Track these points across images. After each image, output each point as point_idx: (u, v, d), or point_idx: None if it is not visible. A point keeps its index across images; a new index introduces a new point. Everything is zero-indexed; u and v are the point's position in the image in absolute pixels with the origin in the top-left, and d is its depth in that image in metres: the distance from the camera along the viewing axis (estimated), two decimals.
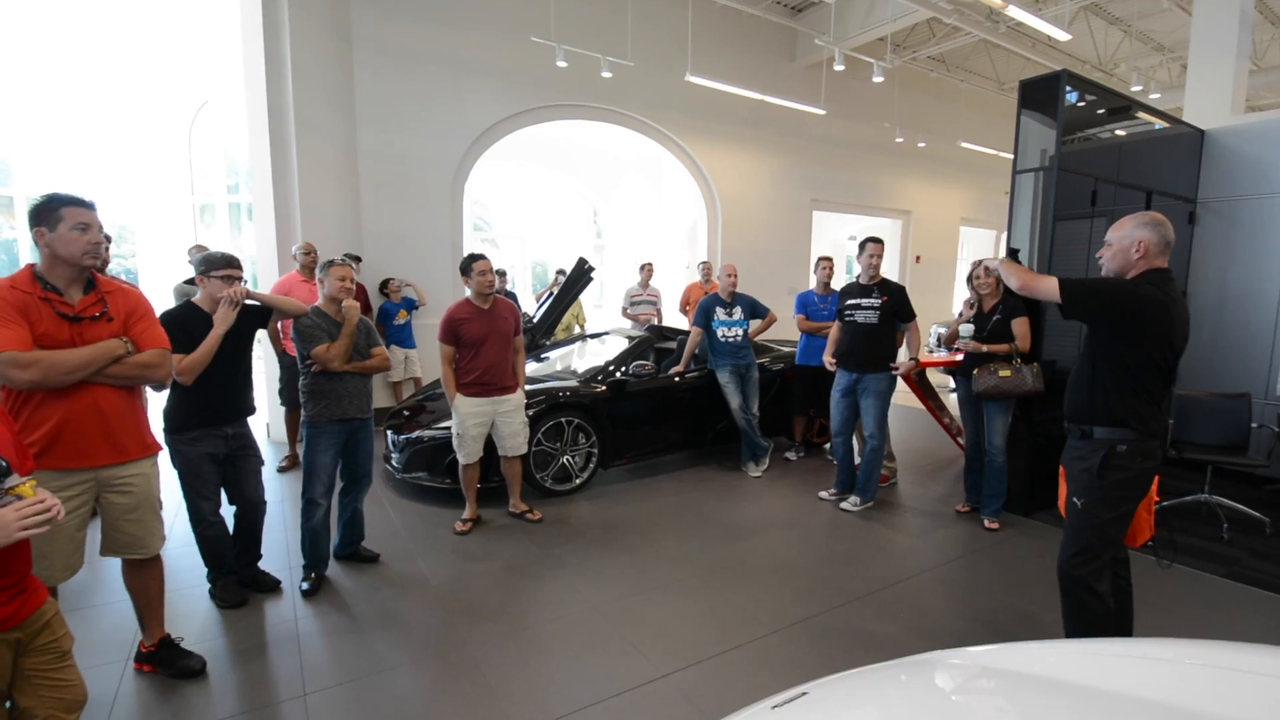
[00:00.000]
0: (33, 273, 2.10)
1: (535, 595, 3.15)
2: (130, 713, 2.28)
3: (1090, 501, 2.28)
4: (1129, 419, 2.21)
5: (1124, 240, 2.24)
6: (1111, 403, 2.24)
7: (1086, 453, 2.29)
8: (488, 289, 3.71)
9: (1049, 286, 2.23)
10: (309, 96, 5.43)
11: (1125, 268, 2.25)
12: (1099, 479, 2.25)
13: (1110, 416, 2.24)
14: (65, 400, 2.09)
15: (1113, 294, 2.20)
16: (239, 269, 2.82)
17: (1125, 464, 2.22)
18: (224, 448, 2.83)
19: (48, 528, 1.40)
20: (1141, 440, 2.22)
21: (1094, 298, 2.22)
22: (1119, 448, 2.22)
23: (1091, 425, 2.29)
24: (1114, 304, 2.19)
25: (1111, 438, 2.24)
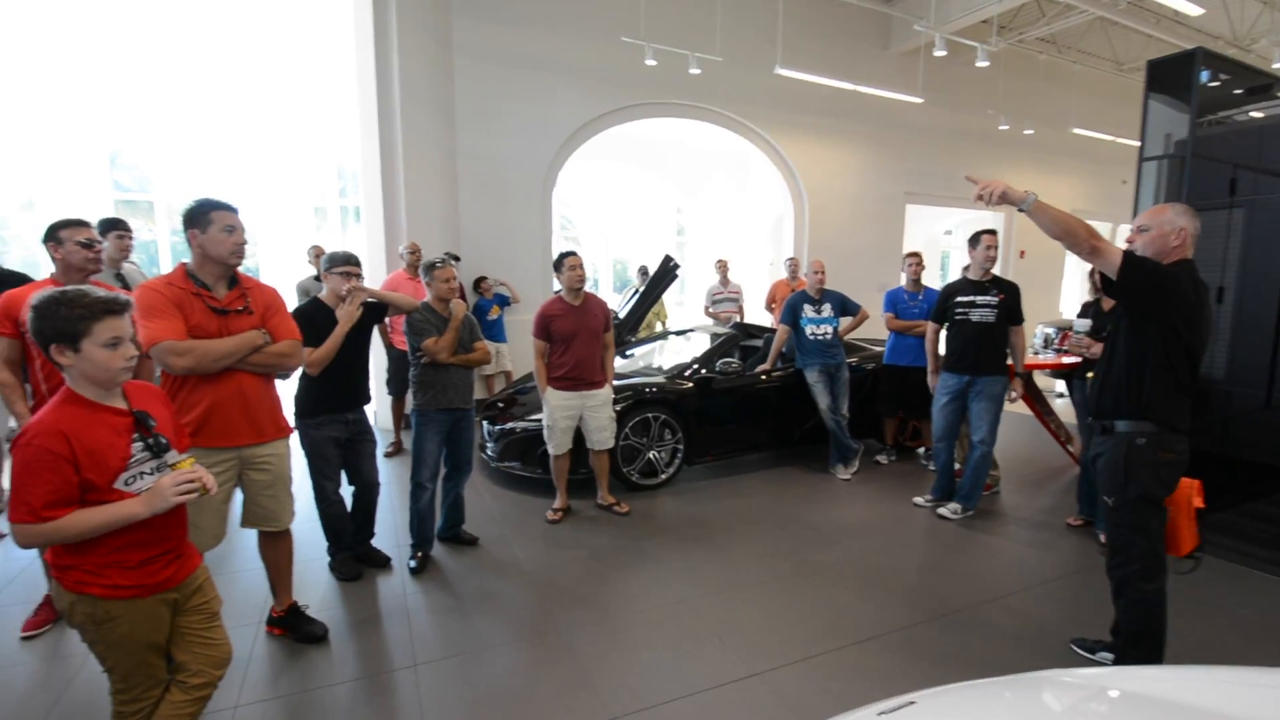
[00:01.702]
0: (186, 271, 2.35)
1: (624, 585, 3.21)
2: (263, 672, 2.51)
3: (1118, 500, 2.26)
4: (1151, 411, 2.18)
5: (1165, 226, 2.20)
6: (1135, 394, 2.21)
7: (1108, 448, 2.28)
8: (578, 283, 3.81)
9: (1114, 255, 2.12)
10: (414, 104, 5.75)
11: (1162, 254, 2.21)
12: (1124, 474, 2.22)
13: (1132, 409, 2.22)
14: (214, 385, 2.32)
15: (1167, 277, 2.14)
16: (357, 266, 3.03)
17: (1145, 458, 2.19)
18: (345, 432, 3.06)
19: (198, 496, 1.55)
20: (1161, 434, 2.19)
21: (1151, 276, 2.14)
22: (1138, 441, 2.20)
23: (1113, 419, 2.27)
24: (1163, 287, 2.13)
25: (1131, 431, 2.22)
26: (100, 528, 1.46)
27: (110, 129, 8.19)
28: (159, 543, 1.60)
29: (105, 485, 1.48)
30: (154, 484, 1.52)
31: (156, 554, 1.59)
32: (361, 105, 5.60)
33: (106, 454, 1.48)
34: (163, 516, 1.56)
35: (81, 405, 1.49)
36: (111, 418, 1.53)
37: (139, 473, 1.54)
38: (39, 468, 1.40)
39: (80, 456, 1.43)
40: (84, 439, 1.45)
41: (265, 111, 8.70)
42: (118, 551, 1.52)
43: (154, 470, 1.57)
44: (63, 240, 2.51)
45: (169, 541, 1.63)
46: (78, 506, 1.45)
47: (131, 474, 1.52)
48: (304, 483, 3.16)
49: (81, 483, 1.45)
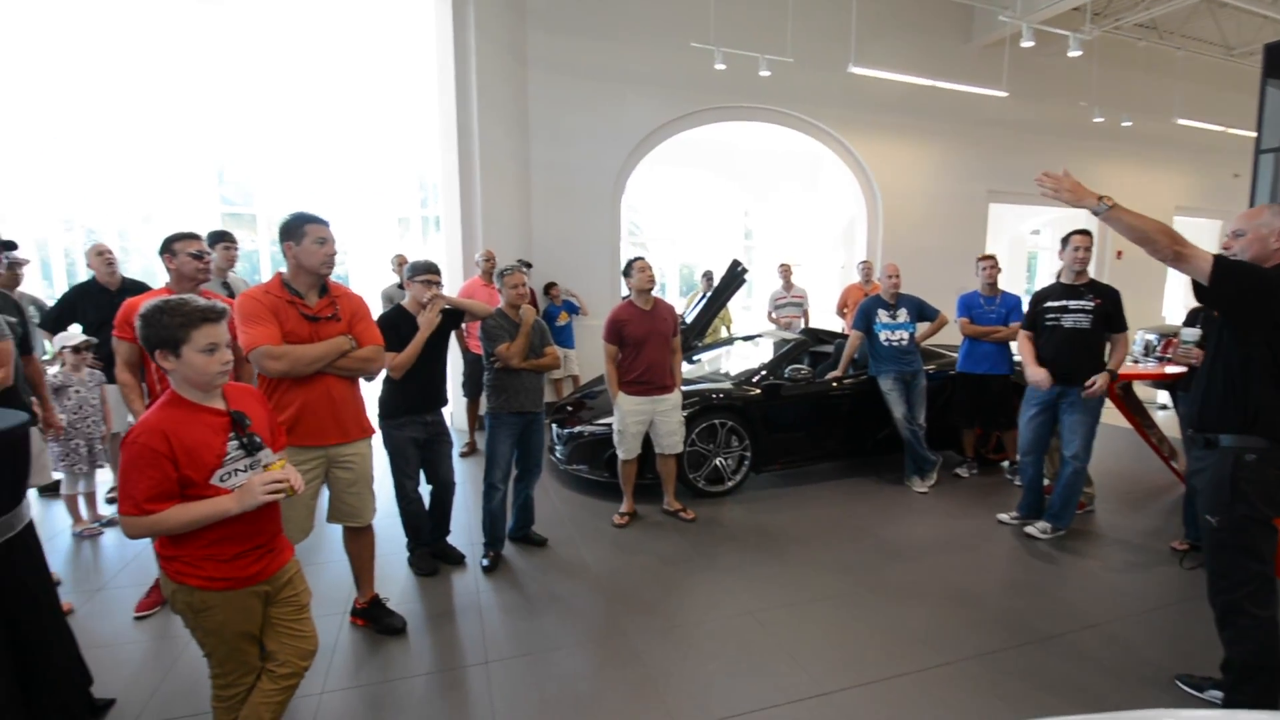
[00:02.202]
0: (281, 280, 2.51)
1: (691, 593, 3.19)
2: (347, 660, 2.63)
3: (1223, 519, 2.08)
4: (1259, 424, 2.01)
5: (1263, 229, 2.07)
6: (1241, 405, 2.04)
7: (1212, 464, 2.11)
8: (648, 285, 3.83)
9: (1202, 260, 1.97)
10: (491, 117, 5.97)
11: (1262, 257, 2.07)
12: (1229, 492, 2.05)
13: (1239, 421, 2.04)
14: (304, 387, 2.46)
15: (1265, 280, 1.99)
16: (437, 274, 3.16)
17: (1254, 475, 2.02)
18: (424, 433, 3.19)
19: (285, 495, 1.63)
20: (1274, 449, 2.00)
21: (1246, 280, 1.99)
22: (1247, 457, 2.04)
23: (1217, 433, 2.10)
24: (1262, 291, 1.98)
25: (1238, 446, 2.06)
26: (196, 521, 1.56)
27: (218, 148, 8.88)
28: (251, 538, 1.69)
29: (202, 481, 1.58)
30: (245, 482, 1.61)
31: (248, 549, 1.69)
32: (442, 121, 5.85)
33: (203, 452, 1.58)
34: (255, 513, 1.65)
35: (183, 406, 1.61)
36: (210, 418, 1.64)
37: (234, 470, 1.64)
38: (142, 464, 1.51)
39: (179, 454, 1.54)
40: (182, 437, 1.56)
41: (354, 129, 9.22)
42: (213, 545, 1.62)
43: (248, 468, 1.67)
44: (176, 252, 2.73)
45: (260, 537, 1.73)
46: (178, 501, 1.55)
47: (227, 470, 1.63)
48: (385, 481, 3.30)
49: (180, 479, 1.55)
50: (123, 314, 2.71)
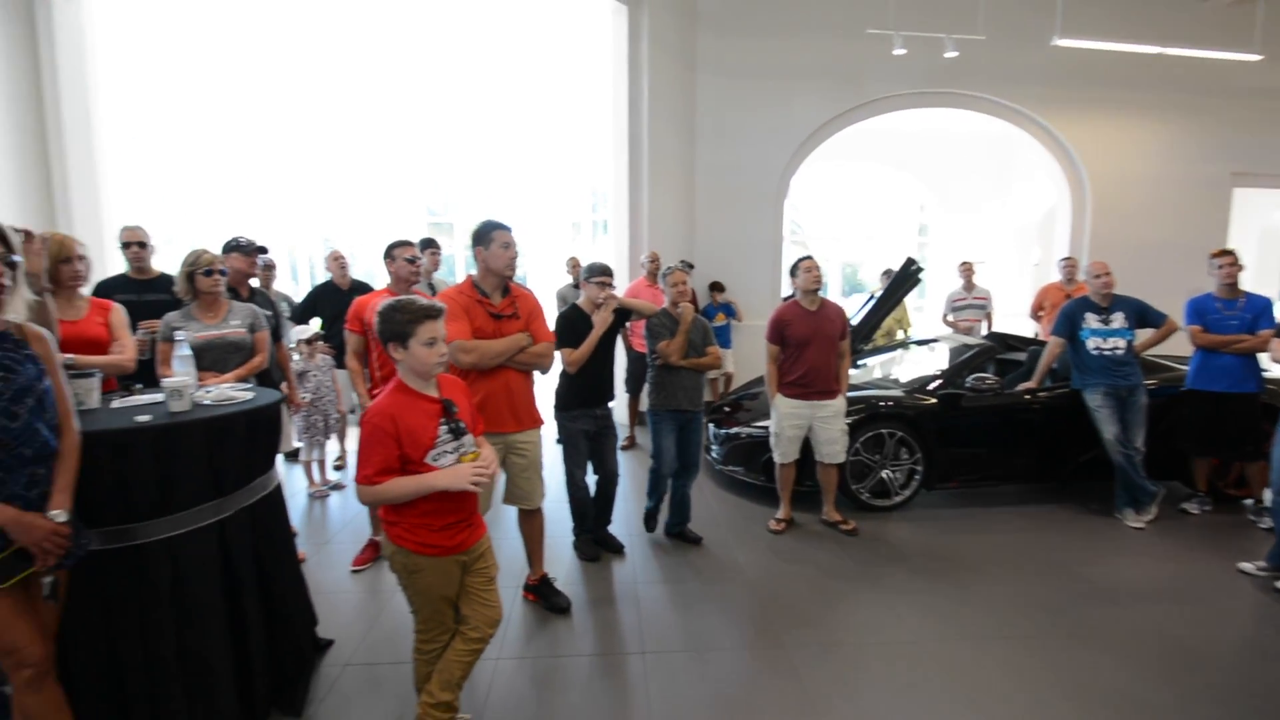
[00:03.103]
0: (472, 281, 2.77)
1: (853, 611, 3.04)
2: (519, 632, 2.85)
3: None
4: None
5: None
6: None
7: None
8: (814, 285, 3.70)
9: None
10: (660, 123, 6.16)
11: None
12: None
13: None
14: (488, 380, 2.70)
15: None
16: (610, 276, 3.31)
17: None
18: (594, 426, 3.37)
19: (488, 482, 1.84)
20: None
21: None
22: None
23: None
24: None
25: None
26: (412, 493, 1.79)
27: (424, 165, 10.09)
28: (456, 511, 1.91)
29: (418, 459, 1.81)
30: (456, 466, 1.82)
31: (454, 521, 1.91)
32: (614, 131, 6.15)
33: (420, 434, 1.81)
34: (457, 492, 1.86)
35: (406, 393, 1.85)
36: (427, 404, 1.87)
37: (443, 451, 1.86)
38: (374, 441, 1.76)
39: (402, 434, 1.78)
40: (405, 420, 1.79)
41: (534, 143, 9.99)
42: (426, 515, 1.85)
43: (454, 450, 1.88)
44: (395, 257, 3.14)
45: (463, 512, 1.95)
46: (399, 474, 1.79)
47: (438, 451, 1.84)
48: (556, 469, 3.53)
49: (401, 456, 1.79)
50: (352, 311, 3.17)
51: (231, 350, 3.00)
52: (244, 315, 3.10)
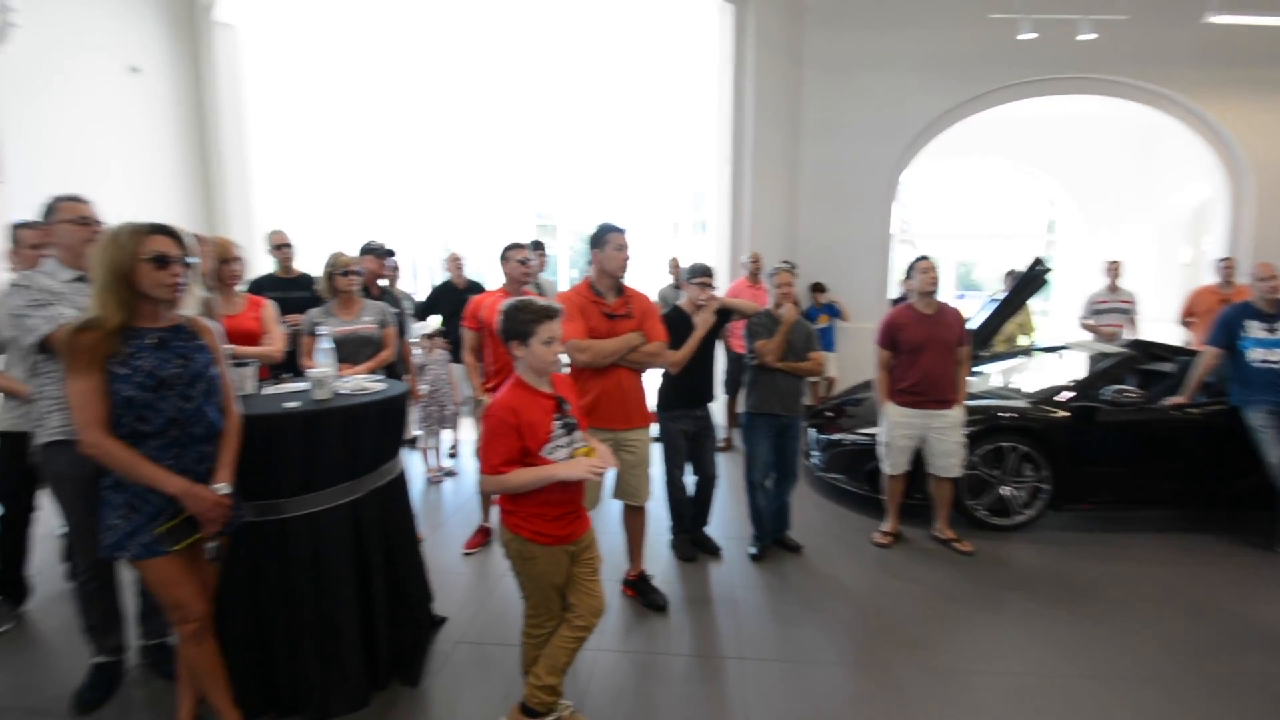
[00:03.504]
0: (588, 283, 2.85)
1: (967, 636, 2.85)
2: (617, 626, 2.89)
3: None
4: None
5: None
6: None
7: None
8: (930, 287, 3.49)
9: None
10: (765, 121, 6.06)
11: None
12: None
13: None
14: (601, 377, 2.76)
15: None
16: (712, 277, 3.29)
17: None
18: (694, 426, 3.37)
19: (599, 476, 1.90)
20: None
21: None
22: None
23: None
24: None
25: None
26: (531, 484, 1.87)
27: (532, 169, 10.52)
28: (567, 503, 1.98)
29: (535, 452, 1.89)
30: (574, 459, 1.89)
31: (565, 512, 1.98)
32: (718, 132, 6.13)
33: (538, 428, 1.89)
34: (571, 485, 1.95)
35: (525, 389, 1.93)
36: (543, 400, 1.94)
37: (556, 445, 1.92)
38: (498, 434, 1.85)
39: (523, 428, 1.85)
40: (525, 415, 1.87)
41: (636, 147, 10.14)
42: (541, 506, 1.93)
43: (566, 444, 1.94)
44: (509, 259, 3.29)
45: (573, 504, 2.01)
46: (519, 465, 1.87)
47: (553, 445, 1.91)
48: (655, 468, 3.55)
49: (521, 448, 1.87)
50: (468, 309, 3.35)
51: (364, 344, 3.26)
52: (375, 312, 3.36)
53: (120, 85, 5.37)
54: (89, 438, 1.67)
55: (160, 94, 5.72)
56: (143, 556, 1.76)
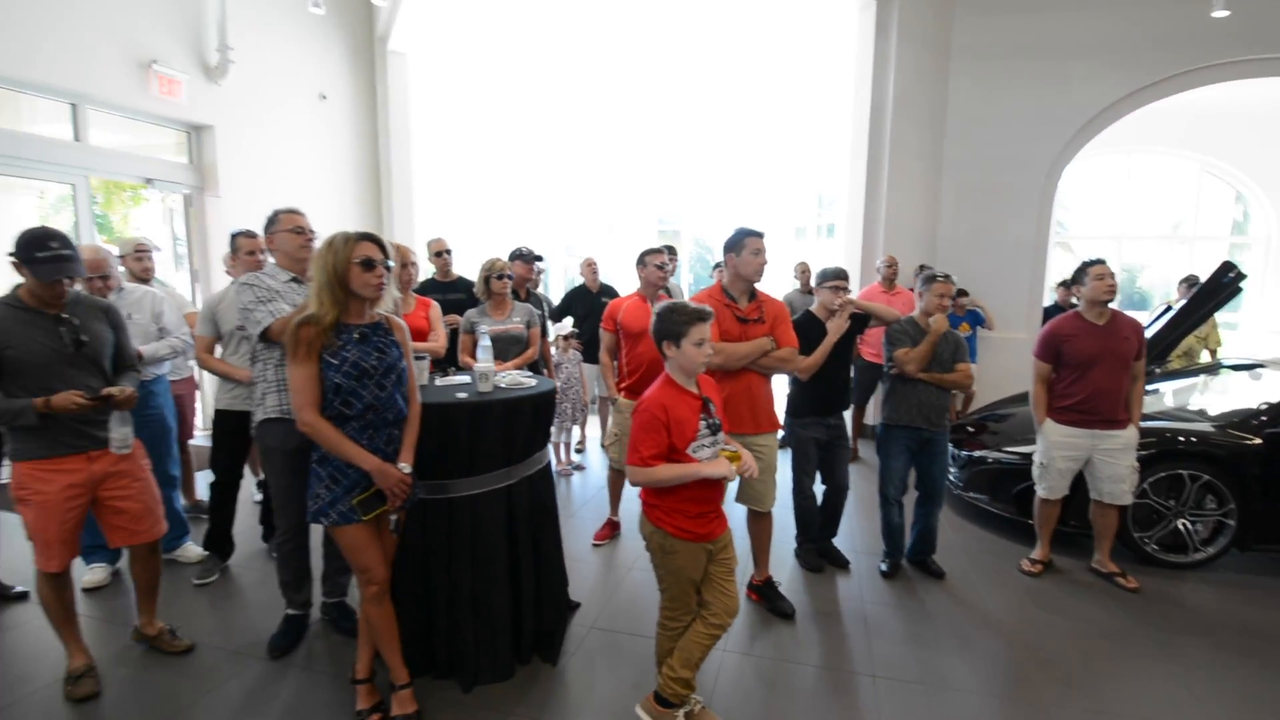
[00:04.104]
0: (721, 286, 2.89)
1: (1133, 680, 2.58)
2: (743, 630, 2.90)
3: None
4: None
5: None
6: None
7: None
8: (1107, 296, 3.15)
9: None
10: (905, 119, 5.81)
11: None
12: None
13: None
14: (731, 381, 2.78)
15: None
16: (846, 280, 3.22)
17: None
18: (826, 434, 3.31)
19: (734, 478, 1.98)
20: None
21: None
22: None
23: None
24: None
25: None
26: (677, 478, 1.95)
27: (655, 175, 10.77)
28: (708, 502, 2.04)
29: (682, 449, 1.96)
30: (719, 459, 1.95)
31: (707, 510, 2.04)
32: (853, 130, 5.96)
33: (685, 426, 1.96)
34: (713, 484, 2.01)
35: (674, 387, 2.02)
36: (690, 400, 2.01)
37: (701, 444, 1.99)
38: (648, 428, 1.94)
39: (672, 424, 1.94)
40: (674, 412, 1.95)
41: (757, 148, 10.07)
42: (684, 502, 2.00)
43: (710, 444, 2.00)
44: (646, 263, 3.41)
45: (713, 503, 2.07)
46: (666, 460, 1.95)
47: (698, 444, 1.98)
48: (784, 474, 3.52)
49: (669, 444, 1.95)
50: (607, 312, 3.51)
51: (513, 343, 3.51)
52: (524, 313, 3.61)
53: (311, 110, 6.15)
54: (304, 417, 1.95)
55: (342, 117, 6.48)
56: (339, 523, 2.02)
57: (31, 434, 2.19)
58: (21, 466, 2.22)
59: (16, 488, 2.23)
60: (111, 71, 4.70)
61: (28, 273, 2.15)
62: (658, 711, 2.13)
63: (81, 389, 2.19)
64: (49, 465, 2.22)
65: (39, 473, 2.21)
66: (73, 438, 2.24)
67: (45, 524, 2.22)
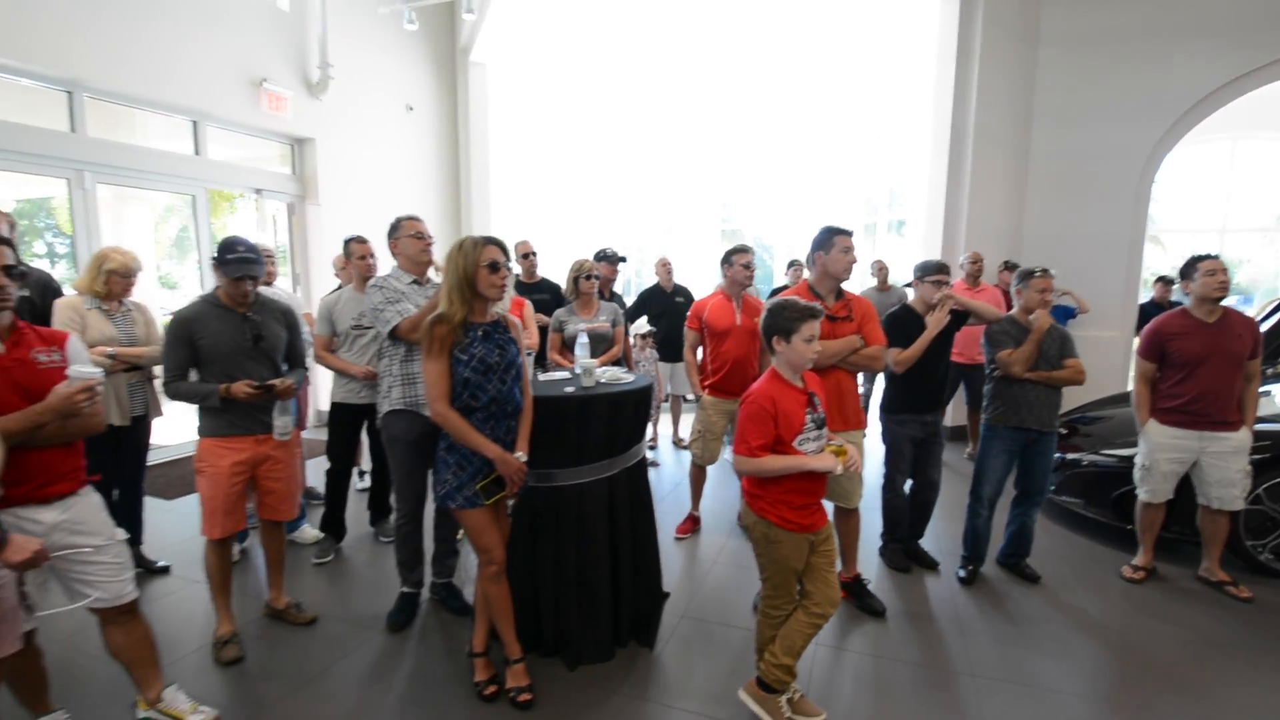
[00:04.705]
0: (809, 285, 2.92)
1: (1251, 692, 2.48)
2: (834, 626, 2.90)
3: None
4: None
5: None
6: None
7: None
8: (1218, 292, 3.01)
9: None
10: (990, 110, 5.66)
11: None
12: None
13: None
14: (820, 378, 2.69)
15: None
16: (947, 274, 3.18)
17: None
18: (921, 432, 3.29)
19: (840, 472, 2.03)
20: None
21: None
22: None
23: None
24: None
25: None
26: (782, 469, 2.01)
27: (718, 175, 10.79)
28: (812, 494, 2.10)
29: (788, 441, 2.02)
30: (825, 453, 2.00)
31: (810, 502, 2.10)
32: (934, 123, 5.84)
33: (792, 419, 2.02)
34: (816, 477, 2.07)
35: (781, 381, 2.08)
36: (797, 394, 2.07)
37: (806, 438, 2.04)
38: (757, 419, 2.02)
39: (779, 416, 2.00)
40: (781, 405, 2.02)
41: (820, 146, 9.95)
42: (788, 493, 2.06)
43: (815, 438, 2.06)
44: (733, 262, 3.48)
45: (816, 496, 2.13)
46: (772, 452, 2.02)
47: (803, 438, 2.04)
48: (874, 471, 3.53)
49: (776, 436, 2.01)
50: (692, 311, 3.60)
51: (599, 340, 3.64)
52: (609, 312, 3.73)
53: (398, 121, 6.49)
54: (437, 408, 2.11)
55: (426, 126, 6.81)
56: (465, 506, 2.18)
57: (214, 414, 2.50)
58: (204, 441, 2.53)
59: (198, 459, 2.54)
60: (229, 91, 5.11)
61: (220, 273, 2.46)
62: (761, 696, 2.19)
63: (255, 379, 2.46)
64: (224, 443, 2.51)
65: (215, 448, 2.51)
66: (245, 421, 2.52)
67: (214, 493, 2.50)
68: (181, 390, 2.47)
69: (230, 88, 5.10)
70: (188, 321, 2.45)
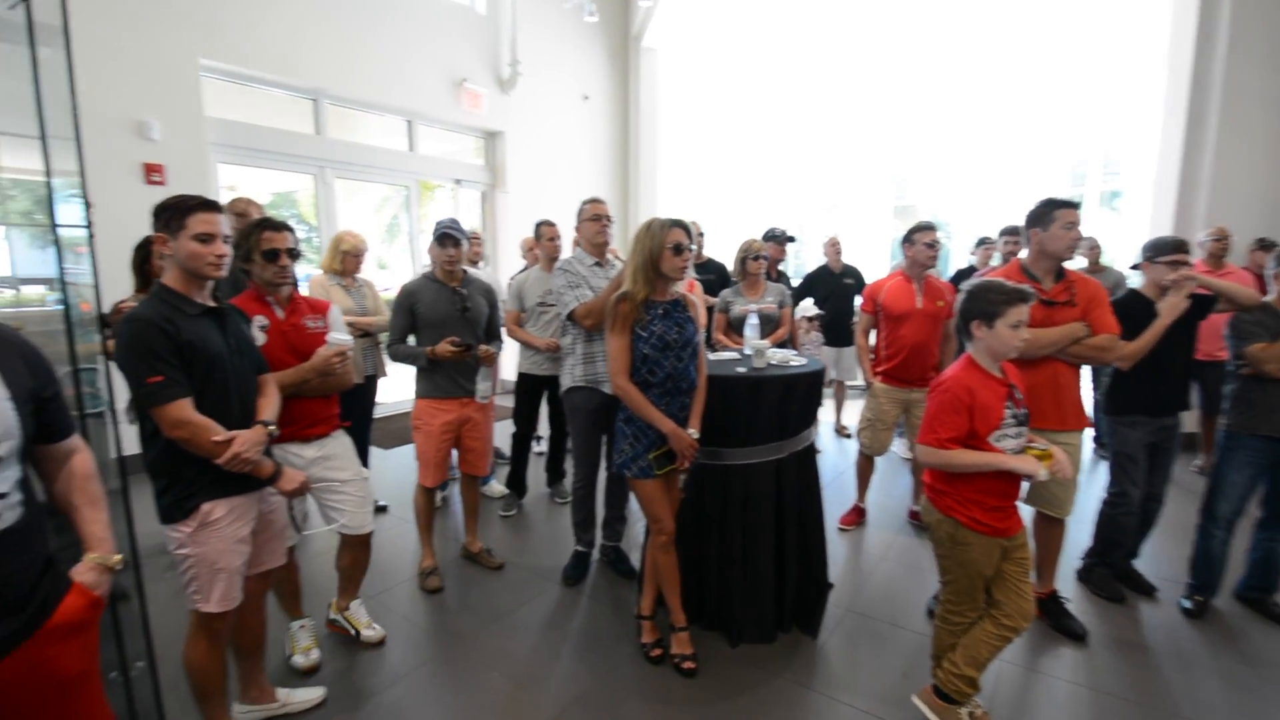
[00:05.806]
0: (1020, 265, 2.62)
1: None
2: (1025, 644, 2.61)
3: None
4: None
5: None
6: None
7: None
8: None
9: None
10: (1242, 60, 4.66)
11: None
12: None
13: None
14: (1033, 370, 2.49)
15: None
16: (1186, 252, 2.70)
17: None
18: (1157, 437, 2.82)
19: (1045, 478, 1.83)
20: None
21: None
22: None
23: None
24: None
25: None
26: (975, 466, 1.86)
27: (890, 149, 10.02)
28: (1007, 496, 1.92)
29: (982, 436, 1.86)
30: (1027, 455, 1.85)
31: (1004, 504, 1.92)
32: (1171, 78, 4.94)
33: (990, 412, 1.86)
34: (1013, 477, 1.89)
35: (979, 370, 1.92)
36: (996, 386, 1.90)
37: (1004, 434, 1.87)
38: (951, 409, 1.87)
39: (976, 408, 1.85)
40: (978, 397, 1.86)
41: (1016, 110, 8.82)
42: (979, 493, 1.91)
43: (1015, 435, 1.88)
44: (915, 242, 3.24)
45: (1010, 498, 1.95)
46: (963, 446, 1.87)
47: (1001, 433, 1.87)
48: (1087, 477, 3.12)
49: (969, 429, 1.86)
50: (867, 293, 3.43)
51: (765, 321, 3.59)
52: (776, 293, 3.67)
53: (575, 110, 6.85)
54: (618, 381, 2.23)
55: (599, 113, 7.12)
56: (639, 476, 2.29)
57: (427, 378, 2.91)
58: (420, 402, 2.95)
59: (415, 417, 2.97)
60: (436, 91, 5.72)
61: (434, 245, 2.85)
62: (938, 705, 2.07)
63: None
64: (435, 404, 2.91)
65: (429, 409, 2.92)
66: (451, 385, 2.91)
67: (427, 448, 2.92)
68: (400, 352, 2.91)
69: (437, 89, 5.70)
70: (410, 292, 2.88)
